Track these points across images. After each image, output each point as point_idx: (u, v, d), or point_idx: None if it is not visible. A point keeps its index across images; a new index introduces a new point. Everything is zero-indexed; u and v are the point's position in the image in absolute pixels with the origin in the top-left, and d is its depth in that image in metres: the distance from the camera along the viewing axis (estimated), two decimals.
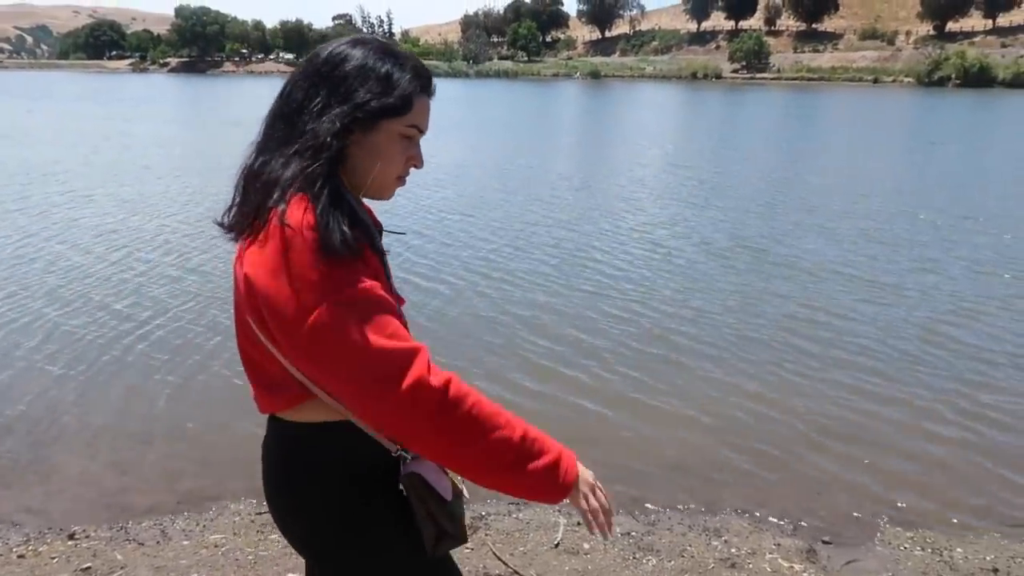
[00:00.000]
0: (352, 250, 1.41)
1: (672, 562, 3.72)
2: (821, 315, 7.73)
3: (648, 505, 4.33)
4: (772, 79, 78.15)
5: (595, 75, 72.61)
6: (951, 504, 4.44)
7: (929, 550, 3.99)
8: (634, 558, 3.74)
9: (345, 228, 1.41)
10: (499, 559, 3.65)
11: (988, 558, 3.88)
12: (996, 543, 4.05)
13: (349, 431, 1.56)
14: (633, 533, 3.98)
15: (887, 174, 18.05)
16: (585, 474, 1.57)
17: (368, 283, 1.43)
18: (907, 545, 4.06)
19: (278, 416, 1.61)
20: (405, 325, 1.50)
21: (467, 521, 1.63)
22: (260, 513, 4.13)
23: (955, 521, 4.27)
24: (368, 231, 1.53)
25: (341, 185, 1.50)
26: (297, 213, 1.40)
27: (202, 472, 4.68)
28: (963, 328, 7.41)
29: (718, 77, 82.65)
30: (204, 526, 4.02)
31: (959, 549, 3.97)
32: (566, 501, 1.55)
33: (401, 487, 1.60)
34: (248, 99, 43.36)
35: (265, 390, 1.59)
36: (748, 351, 6.72)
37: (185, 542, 3.85)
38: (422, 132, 1.58)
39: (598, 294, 8.32)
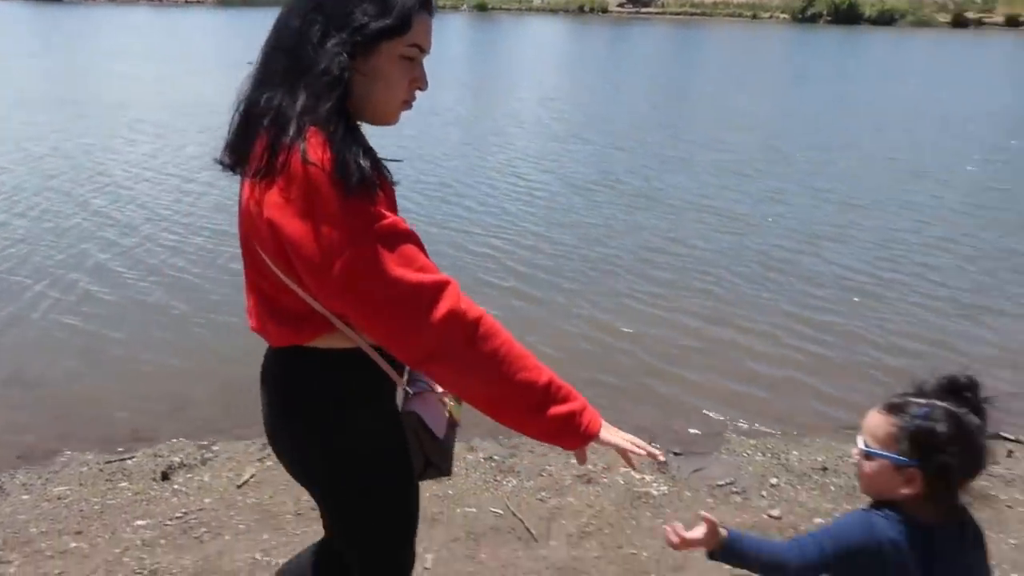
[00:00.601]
0: (372, 185, 1.41)
1: (531, 482, 3.85)
2: (675, 246, 8.03)
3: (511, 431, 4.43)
4: (657, 13, 79.03)
5: (482, 8, 70.92)
6: (788, 415, 4.80)
7: (769, 455, 4.32)
8: (495, 480, 3.84)
9: (364, 164, 1.40)
10: None
11: (819, 459, 4.24)
12: (825, 445, 4.43)
13: (361, 360, 1.58)
14: (495, 457, 4.07)
15: (753, 108, 18.75)
16: (610, 428, 1.61)
17: (392, 217, 1.44)
18: (749, 452, 4.37)
19: (288, 349, 1.61)
20: (427, 255, 1.49)
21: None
22: (109, 462, 3.96)
23: (791, 429, 4.63)
24: (380, 164, 1.53)
25: (351, 117, 1.48)
26: (318, 151, 1.38)
27: (45, 425, 4.41)
28: (803, 255, 7.90)
29: (604, 11, 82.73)
30: (47, 479, 3.81)
31: (794, 452, 4.31)
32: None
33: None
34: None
35: (280, 324, 1.58)
36: (603, 283, 6.92)
37: (25, 496, 3.63)
38: (424, 52, 1.53)
39: (459, 230, 8.34)
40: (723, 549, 1.65)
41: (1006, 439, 4.72)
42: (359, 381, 1.63)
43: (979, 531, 1.59)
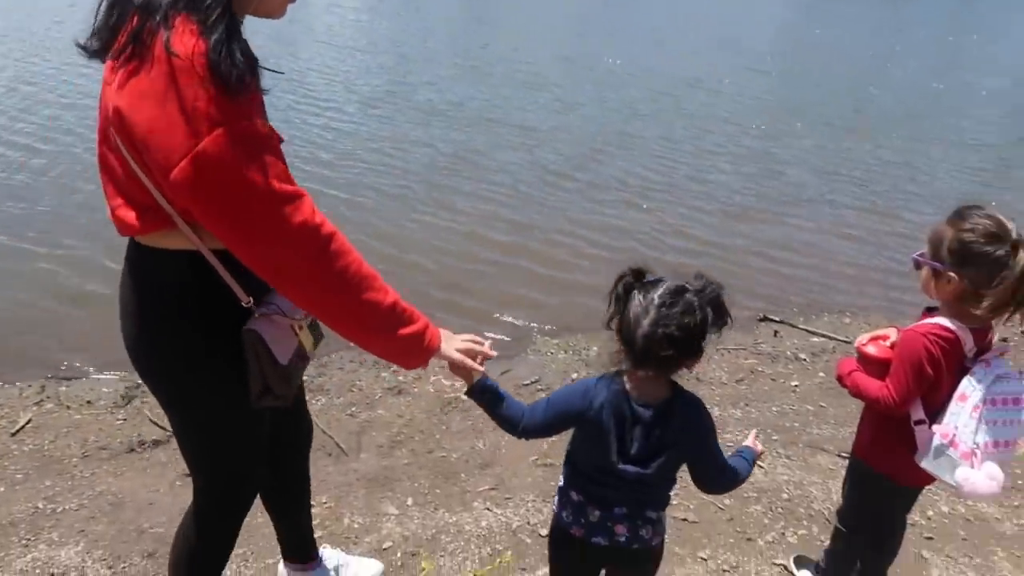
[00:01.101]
0: (246, 84, 1.34)
1: (341, 398, 3.82)
2: (468, 160, 8.05)
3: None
4: None
5: None
6: (585, 315, 4.99)
7: (570, 352, 4.56)
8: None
9: (240, 59, 1.33)
10: (156, 424, 3.45)
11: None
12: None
13: (205, 267, 1.53)
14: (304, 378, 3.97)
15: (562, 23, 18.98)
16: (449, 339, 1.72)
17: (259, 121, 1.40)
18: (553, 351, 4.59)
19: (138, 242, 1.56)
20: (286, 167, 1.45)
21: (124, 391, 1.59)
22: None
23: (589, 327, 4.89)
24: (256, 66, 1.41)
25: (234, 8, 1.38)
26: (187, 40, 1.29)
27: None
28: (591, 164, 8.25)
29: None
30: None
31: (594, 348, 4.59)
32: None
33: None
34: None
35: (126, 212, 1.50)
36: (387, 199, 6.81)
37: None
38: None
39: None
40: (476, 389, 1.80)
41: (772, 320, 5.32)
42: (199, 288, 1.58)
43: (688, 411, 1.71)
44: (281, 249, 1.42)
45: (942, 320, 2.01)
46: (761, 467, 3.37)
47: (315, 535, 2.71)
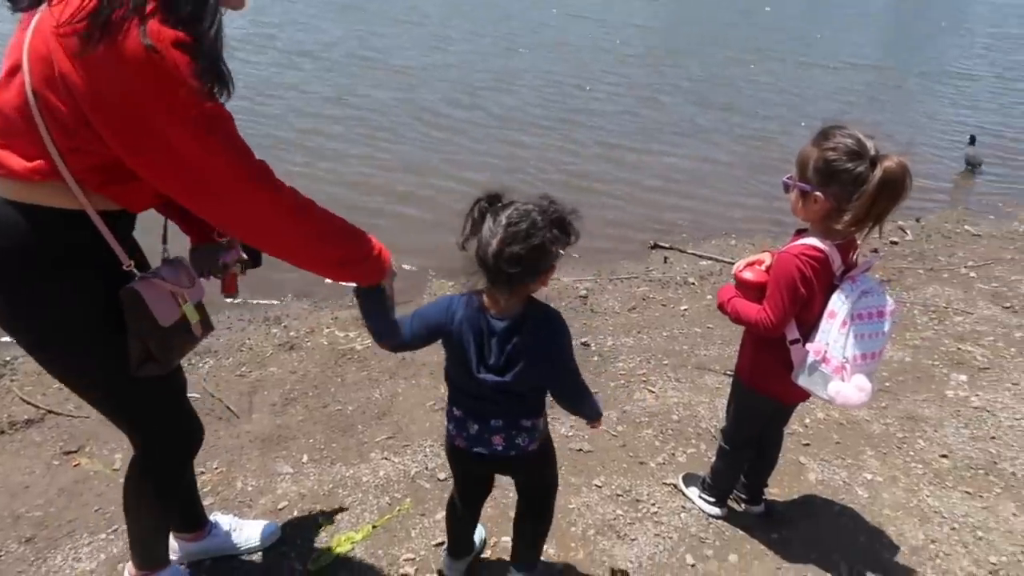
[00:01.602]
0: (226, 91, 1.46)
1: (230, 359, 3.69)
2: (334, 107, 7.80)
3: None
4: None
5: None
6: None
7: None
8: (190, 364, 3.61)
9: (227, 73, 1.44)
10: (27, 402, 3.25)
11: None
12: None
13: (85, 226, 1.53)
14: None
15: None
16: None
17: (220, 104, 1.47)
18: (449, 291, 4.56)
19: (6, 199, 1.50)
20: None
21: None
22: None
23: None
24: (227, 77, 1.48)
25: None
26: (170, 47, 1.33)
27: None
28: (466, 105, 8.13)
29: None
30: None
31: None
32: None
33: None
34: None
35: (10, 155, 1.47)
36: (271, 149, 6.57)
37: None
38: None
39: None
40: (364, 291, 1.83)
41: (662, 247, 5.45)
42: (79, 249, 1.56)
43: (541, 322, 1.81)
44: (269, 206, 1.53)
45: (811, 240, 2.09)
46: (652, 392, 3.49)
47: (206, 502, 2.65)
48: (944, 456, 3.05)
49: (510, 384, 1.81)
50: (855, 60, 11.48)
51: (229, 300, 2.22)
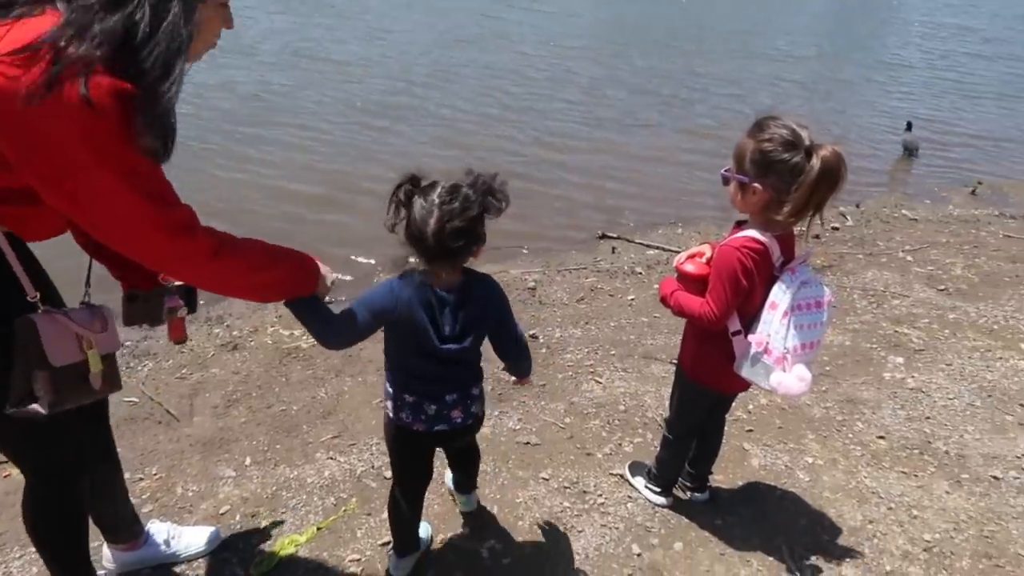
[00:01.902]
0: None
1: (170, 361, 3.60)
2: (264, 107, 7.67)
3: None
4: None
5: None
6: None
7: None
8: (128, 367, 3.52)
9: (171, 138, 1.37)
10: None
11: None
12: None
13: None
14: (127, 342, 3.71)
15: None
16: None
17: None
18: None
19: None
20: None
21: None
22: None
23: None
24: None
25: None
26: (109, 103, 1.26)
27: None
28: (402, 105, 8.09)
29: None
30: None
31: None
32: None
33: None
34: None
35: None
36: (180, 156, 6.37)
37: None
38: None
39: None
40: (295, 302, 1.82)
41: (609, 237, 5.48)
42: None
43: (484, 287, 1.91)
44: (187, 252, 1.48)
45: (751, 232, 2.10)
46: (599, 383, 3.51)
47: (145, 509, 2.59)
48: (881, 437, 3.13)
49: (468, 350, 1.89)
50: (793, 51, 11.67)
51: (178, 347, 2.19)
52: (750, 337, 2.14)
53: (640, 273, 4.89)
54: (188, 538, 2.38)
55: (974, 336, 4.04)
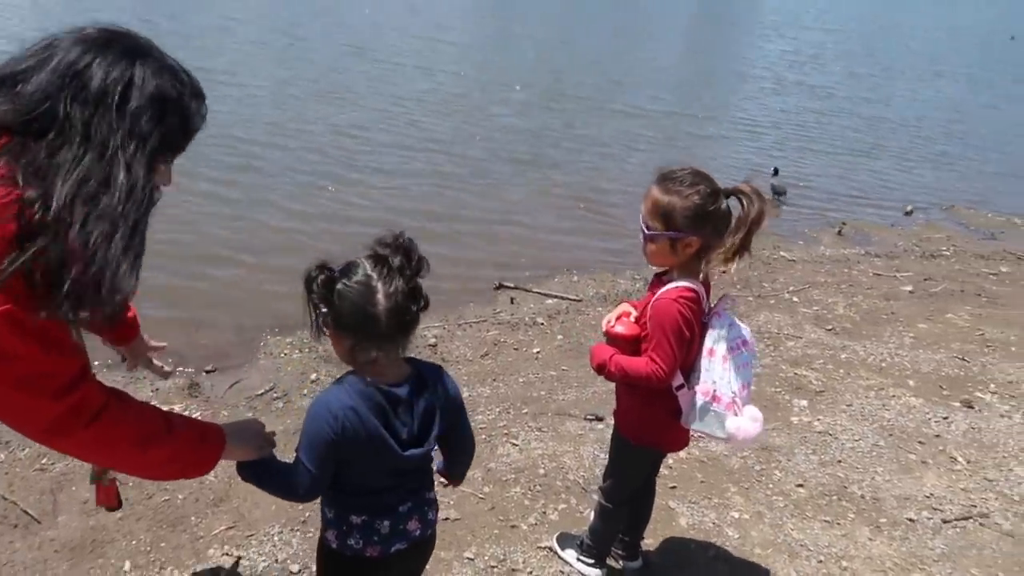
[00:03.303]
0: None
1: (27, 449, 3.11)
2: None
3: None
4: None
5: None
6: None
7: (306, 350, 4.19)
8: None
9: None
10: None
11: None
12: None
13: None
14: None
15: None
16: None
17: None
18: (287, 351, 4.20)
19: None
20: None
21: None
22: None
23: None
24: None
25: None
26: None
27: None
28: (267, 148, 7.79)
29: None
30: None
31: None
32: None
33: None
34: None
35: None
36: None
37: None
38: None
39: None
40: (241, 467, 1.65)
41: (507, 287, 5.37)
42: None
43: (436, 376, 1.66)
44: (54, 426, 1.24)
45: (683, 282, 2.05)
46: (516, 445, 3.34)
47: None
48: (800, 486, 3.13)
49: (430, 450, 1.63)
50: (649, 106, 12.15)
51: (112, 513, 1.86)
52: (696, 388, 2.07)
53: (542, 324, 4.79)
54: None
55: (866, 375, 4.19)
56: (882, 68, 20.02)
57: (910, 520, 2.95)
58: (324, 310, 1.50)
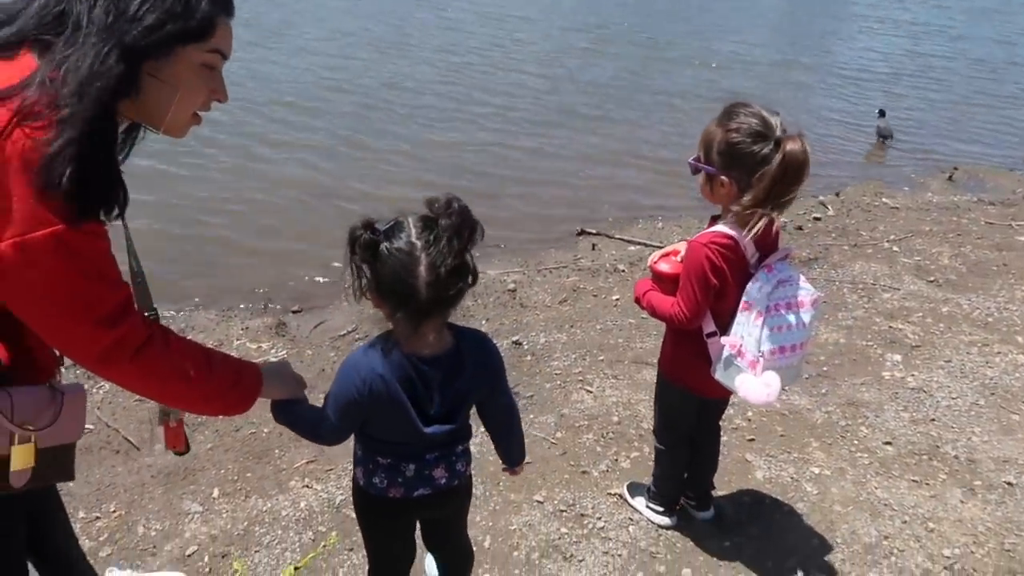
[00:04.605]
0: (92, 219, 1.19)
1: None
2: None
3: None
4: None
5: None
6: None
7: None
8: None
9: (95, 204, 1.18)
10: None
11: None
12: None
13: None
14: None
15: None
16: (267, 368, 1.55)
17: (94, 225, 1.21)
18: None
19: None
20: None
21: None
22: None
23: None
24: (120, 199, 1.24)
25: (110, 129, 1.21)
26: (28, 143, 1.10)
27: None
28: (358, 106, 7.81)
29: None
30: None
31: None
32: None
33: None
34: None
35: None
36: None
37: None
38: (226, 58, 1.31)
39: None
40: (278, 406, 1.66)
41: (589, 233, 5.30)
42: None
43: (477, 352, 1.60)
44: (106, 351, 1.25)
45: (721, 227, 1.97)
46: (590, 392, 3.32)
47: (103, 553, 2.36)
48: (888, 443, 2.99)
49: (459, 428, 1.60)
50: (747, 54, 11.58)
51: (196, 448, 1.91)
52: (724, 339, 2.00)
53: (623, 271, 4.71)
54: None
55: (969, 330, 3.93)
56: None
57: (1008, 484, 2.78)
58: (367, 272, 1.45)
